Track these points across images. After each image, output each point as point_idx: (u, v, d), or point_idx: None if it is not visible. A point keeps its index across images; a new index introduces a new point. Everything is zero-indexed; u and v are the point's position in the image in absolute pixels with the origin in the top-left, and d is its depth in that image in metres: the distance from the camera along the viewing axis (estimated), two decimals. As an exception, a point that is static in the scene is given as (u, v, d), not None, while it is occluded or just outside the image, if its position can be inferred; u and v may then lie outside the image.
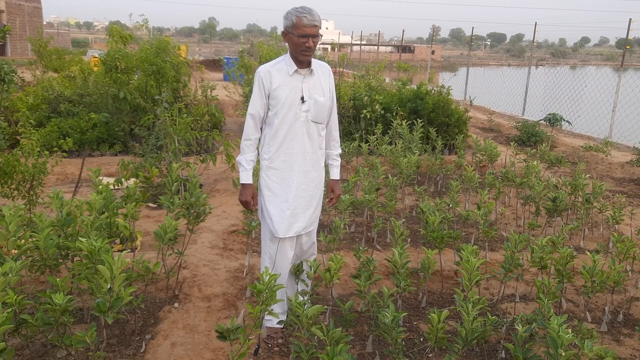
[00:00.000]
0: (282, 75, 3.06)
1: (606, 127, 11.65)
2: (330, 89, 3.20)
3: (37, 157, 4.51)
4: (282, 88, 3.04)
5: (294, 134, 3.08)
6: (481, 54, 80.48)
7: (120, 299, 2.25)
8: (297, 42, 2.95)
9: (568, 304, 3.95)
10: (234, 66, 10.70)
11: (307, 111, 3.08)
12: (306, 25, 2.90)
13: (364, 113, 8.73)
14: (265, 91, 3.06)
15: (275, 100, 3.05)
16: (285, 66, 3.07)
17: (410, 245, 4.71)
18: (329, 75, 3.22)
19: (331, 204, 3.36)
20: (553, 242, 3.86)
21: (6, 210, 2.80)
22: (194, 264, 4.23)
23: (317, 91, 3.12)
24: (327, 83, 3.19)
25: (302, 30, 2.91)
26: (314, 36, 2.94)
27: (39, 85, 9.33)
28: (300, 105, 3.06)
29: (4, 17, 32.72)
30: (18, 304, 2.30)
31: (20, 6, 35.12)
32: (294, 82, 3.06)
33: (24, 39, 31.30)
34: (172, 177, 3.68)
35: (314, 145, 3.17)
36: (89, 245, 2.52)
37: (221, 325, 2.49)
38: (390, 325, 2.65)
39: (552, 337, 2.51)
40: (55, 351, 3.03)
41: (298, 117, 3.07)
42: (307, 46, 2.94)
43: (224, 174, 7.09)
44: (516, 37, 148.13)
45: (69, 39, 45.71)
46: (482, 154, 7.04)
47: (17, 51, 33.16)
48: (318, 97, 3.11)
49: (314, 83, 3.11)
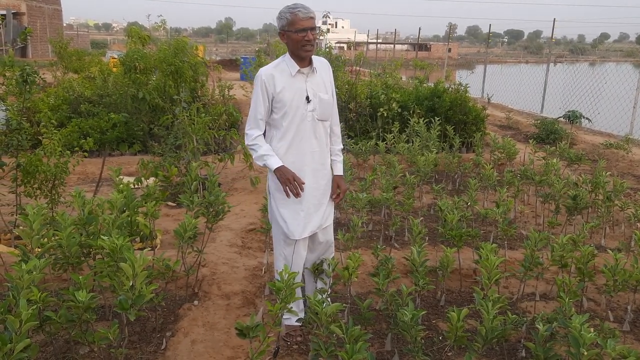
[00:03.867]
0: (285, 77, 3.03)
1: (627, 124, 11.46)
2: (331, 83, 3.20)
3: (59, 157, 4.58)
4: (286, 90, 3.01)
5: (302, 134, 3.08)
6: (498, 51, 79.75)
7: (142, 296, 2.28)
8: (296, 39, 2.92)
9: (589, 303, 3.91)
10: (251, 65, 10.75)
11: (313, 110, 3.07)
12: (302, 19, 2.89)
13: (381, 111, 8.71)
14: (268, 95, 3.03)
15: (280, 103, 3.02)
16: (287, 67, 3.04)
17: (429, 244, 4.69)
18: (328, 70, 3.21)
19: (338, 199, 3.32)
20: (574, 240, 3.81)
21: (29, 209, 2.85)
22: (213, 262, 4.26)
23: (320, 89, 3.12)
24: (328, 79, 3.19)
25: (300, 24, 2.90)
26: (312, 29, 2.93)
27: (60, 86, 9.47)
28: (306, 106, 3.05)
29: (25, 20, 33.25)
30: (42, 302, 2.34)
31: (40, 8, 35.65)
32: (298, 83, 3.04)
33: (45, 41, 31.74)
34: (192, 176, 3.71)
35: (321, 144, 3.17)
36: (111, 244, 2.56)
37: (241, 323, 2.50)
38: (409, 323, 2.64)
39: (573, 336, 2.48)
40: (78, 348, 3.08)
41: (305, 118, 3.06)
42: (307, 40, 2.92)
43: (242, 173, 7.12)
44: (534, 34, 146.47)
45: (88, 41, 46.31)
46: (500, 152, 6.98)
47: (37, 53, 33.65)
48: (322, 95, 3.10)
49: (316, 81, 3.10)
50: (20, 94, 4.29)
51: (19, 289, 2.19)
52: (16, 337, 1.96)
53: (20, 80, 4.32)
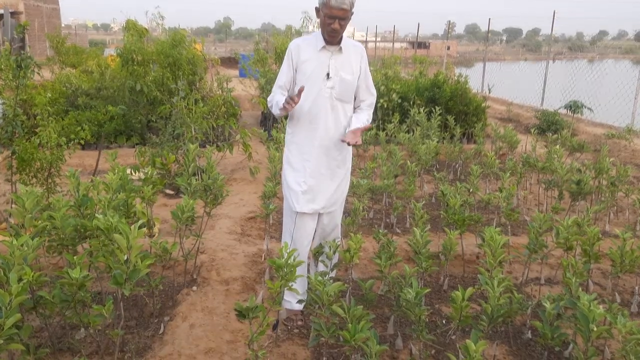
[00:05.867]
0: (310, 49, 3.04)
1: (627, 116, 11.40)
2: (361, 68, 3.13)
3: (55, 145, 4.50)
4: (309, 62, 3.03)
5: (318, 109, 3.04)
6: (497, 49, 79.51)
7: (137, 270, 2.21)
8: (324, 22, 2.92)
9: (595, 287, 3.84)
10: (249, 61, 10.68)
11: (331, 88, 3.03)
12: (334, 7, 2.84)
13: (381, 102, 8.64)
14: (293, 64, 3.06)
15: (301, 73, 3.04)
16: (314, 41, 3.05)
17: (431, 231, 4.62)
18: (361, 55, 3.14)
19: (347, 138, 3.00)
20: (578, 224, 3.74)
21: (22, 189, 2.78)
22: (212, 249, 4.19)
23: (345, 68, 3.06)
24: (358, 62, 3.12)
25: (330, 11, 2.86)
26: (341, 19, 2.88)
27: (57, 80, 9.38)
28: (325, 81, 3.02)
29: (23, 19, 33.14)
30: (35, 281, 2.26)
31: (38, 7, 35.55)
32: (322, 58, 3.03)
33: (43, 40, 31.65)
34: (190, 159, 3.64)
35: (337, 124, 3.10)
36: (106, 222, 2.49)
37: (240, 304, 2.43)
38: (413, 302, 2.57)
39: (582, 313, 2.42)
40: (74, 333, 3.02)
41: (322, 93, 3.02)
42: (332, 28, 2.89)
43: (241, 164, 7.05)
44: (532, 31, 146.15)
45: (86, 40, 46.07)
46: (502, 142, 6.91)
47: (36, 52, 33.49)
48: (344, 75, 3.05)
49: (342, 60, 3.06)
50: (15, 78, 4.21)
51: (9, 265, 2.11)
52: (6, 312, 1.88)
53: (15, 66, 4.25)
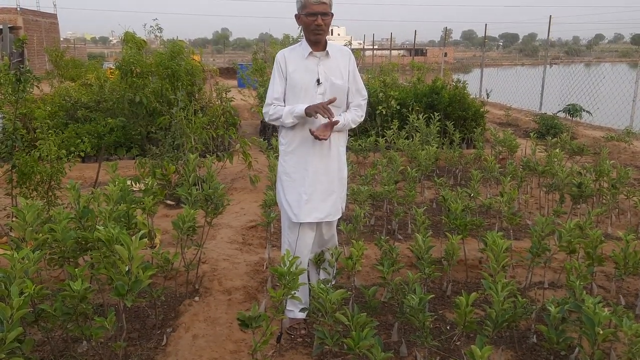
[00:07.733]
0: (297, 58, 3.04)
1: (626, 118, 11.41)
2: (350, 71, 3.13)
3: (55, 158, 4.50)
4: (297, 71, 3.03)
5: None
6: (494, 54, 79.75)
7: (139, 281, 2.19)
8: (307, 22, 2.93)
9: (599, 290, 3.82)
10: (248, 70, 10.71)
11: (322, 94, 3.03)
12: (313, 3, 2.88)
13: (379, 109, 8.65)
14: (284, 74, 3.05)
15: (292, 83, 3.03)
16: (301, 49, 3.05)
17: (433, 237, 4.60)
18: (348, 58, 3.14)
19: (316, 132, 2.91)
20: (580, 227, 3.73)
21: (22, 202, 2.77)
22: (214, 259, 4.18)
23: (335, 74, 3.06)
24: (347, 66, 3.12)
25: (310, 8, 2.89)
26: (323, 14, 2.90)
27: (56, 94, 9.40)
28: (315, 88, 3.02)
29: (21, 33, 33.25)
30: (36, 294, 2.25)
31: (37, 22, 35.68)
32: (310, 65, 3.03)
33: (42, 54, 31.74)
34: (190, 169, 3.64)
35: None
36: (107, 234, 2.48)
37: (243, 313, 2.42)
38: (417, 308, 2.56)
39: (587, 316, 2.40)
40: (76, 346, 3.00)
41: (314, 100, 3.01)
42: (316, 24, 2.91)
43: (241, 173, 7.05)
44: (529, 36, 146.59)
45: (85, 53, 46.23)
46: (501, 146, 6.91)
47: (35, 67, 33.54)
48: (335, 80, 3.05)
49: (330, 65, 3.06)
50: (14, 93, 4.22)
51: (10, 278, 2.10)
52: (7, 326, 1.87)
53: (14, 80, 4.26)
